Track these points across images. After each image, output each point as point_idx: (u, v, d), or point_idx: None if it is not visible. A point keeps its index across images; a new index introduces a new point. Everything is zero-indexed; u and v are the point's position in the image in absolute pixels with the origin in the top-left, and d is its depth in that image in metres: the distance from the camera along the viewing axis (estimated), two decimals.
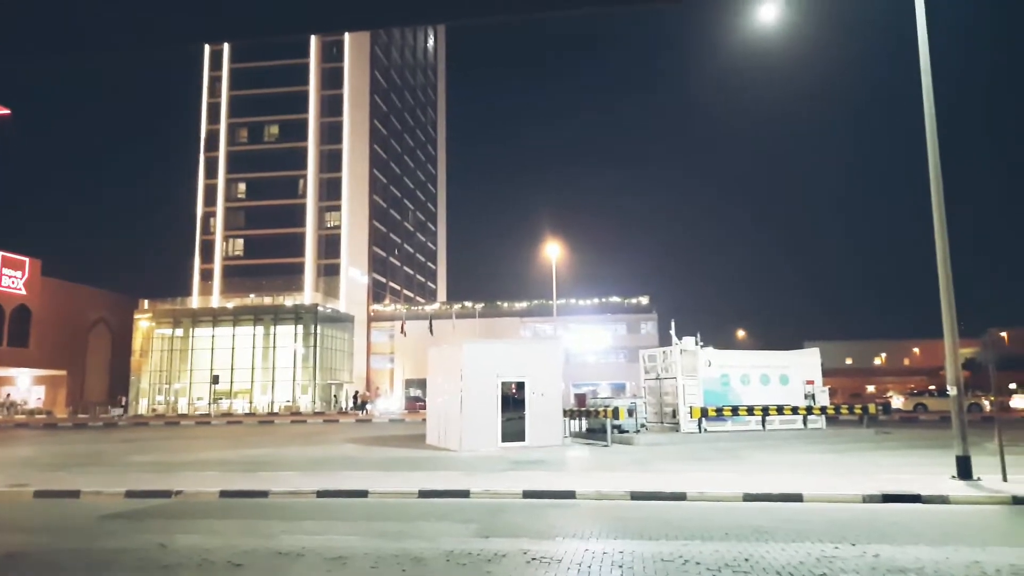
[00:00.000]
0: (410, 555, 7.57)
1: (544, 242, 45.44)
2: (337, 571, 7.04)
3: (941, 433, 23.00)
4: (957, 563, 6.98)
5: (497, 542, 8.15)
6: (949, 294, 12.68)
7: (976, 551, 7.48)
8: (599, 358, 72.81)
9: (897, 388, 64.01)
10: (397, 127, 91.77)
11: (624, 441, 21.81)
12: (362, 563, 7.31)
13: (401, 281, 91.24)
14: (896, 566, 6.88)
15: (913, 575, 6.55)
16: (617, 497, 11.32)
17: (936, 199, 12.94)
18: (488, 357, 20.48)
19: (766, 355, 29.77)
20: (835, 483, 11.97)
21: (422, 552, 7.70)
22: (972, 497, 10.65)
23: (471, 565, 7.13)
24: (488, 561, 7.26)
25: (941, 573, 6.62)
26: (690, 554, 7.47)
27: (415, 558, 7.45)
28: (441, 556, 7.51)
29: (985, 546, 7.71)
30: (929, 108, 13.14)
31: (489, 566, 7.07)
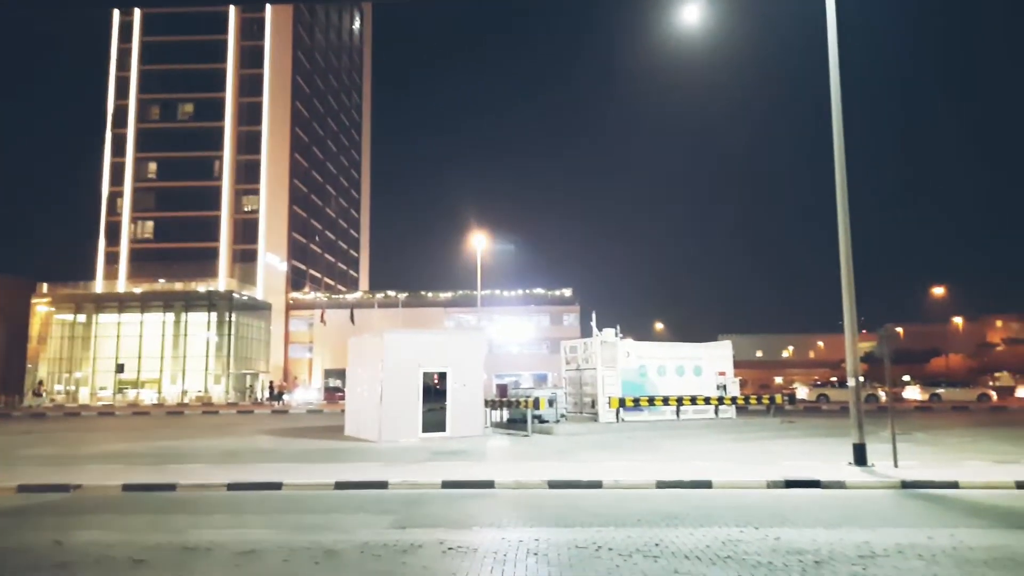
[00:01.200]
0: (324, 547, 7.44)
1: (470, 232, 45.38)
2: (247, 565, 6.84)
3: (841, 422, 24.35)
4: (850, 544, 7.41)
5: (414, 533, 8.11)
6: (850, 291, 13.39)
7: (867, 532, 7.95)
8: (522, 349, 73.46)
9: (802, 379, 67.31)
10: (320, 110, 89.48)
11: (544, 431, 22.08)
12: (273, 556, 7.13)
13: (322, 269, 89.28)
14: (795, 548, 7.24)
15: (810, 556, 6.91)
16: (535, 486, 11.46)
17: (841, 200, 13.62)
18: (410, 347, 20.30)
19: (682, 347, 30.71)
20: (742, 470, 12.48)
21: (336, 544, 7.58)
22: (866, 482, 11.31)
23: (386, 556, 7.07)
24: (404, 552, 7.22)
25: (835, 553, 7.01)
26: (603, 540, 7.64)
27: (329, 550, 7.33)
28: (356, 548, 7.42)
29: (875, 528, 8.21)
30: (837, 113, 13.78)
31: (405, 557, 7.03)
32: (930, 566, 6.53)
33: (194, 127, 71.05)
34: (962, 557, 6.83)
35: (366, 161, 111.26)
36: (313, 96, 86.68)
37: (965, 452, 15.47)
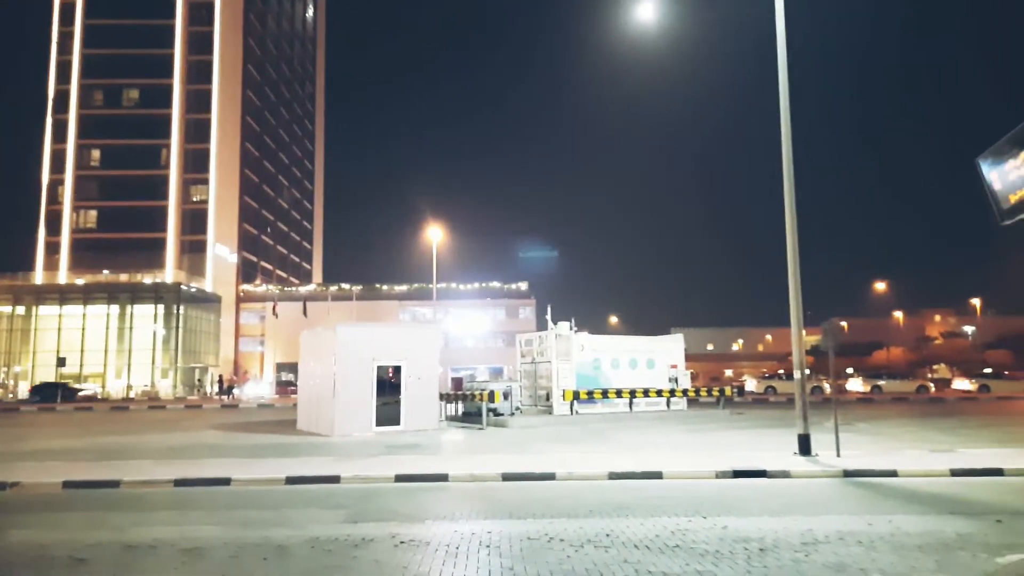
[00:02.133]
0: (273, 543, 7.34)
1: (425, 225, 45.05)
2: (192, 563, 6.71)
3: (787, 413, 24.99)
4: (794, 531, 7.63)
5: (366, 527, 8.06)
6: (796, 286, 13.74)
7: (810, 520, 8.20)
8: (478, 342, 73.45)
9: (752, 372, 68.89)
10: (272, 99, 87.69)
11: (499, 424, 22.14)
12: (220, 553, 7.00)
13: (274, 261, 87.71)
14: (741, 536, 7.43)
15: (755, 544, 7.09)
16: (489, 479, 11.49)
17: (788, 199, 13.95)
18: (364, 340, 20.11)
19: (635, 340, 31.09)
20: (692, 461, 12.73)
21: (286, 540, 7.48)
22: (810, 471, 11.65)
23: (337, 551, 7.00)
24: (355, 546, 7.16)
25: (780, 540, 7.21)
26: (555, 531, 7.71)
27: (278, 546, 7.23)
28: (306, 543, 7.33)
29: (818, 515, 8.47)
30: (785, 113, 14.10)
31: (356, 551, 6.98)
32: (869, 551, 6.76)
33: (140, 114, 68.83)
34: (898, 542, 7.09)
35: (320, 152, 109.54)
36: (265, 84, 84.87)
37: (904, 442, 16.06)
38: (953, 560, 6.42)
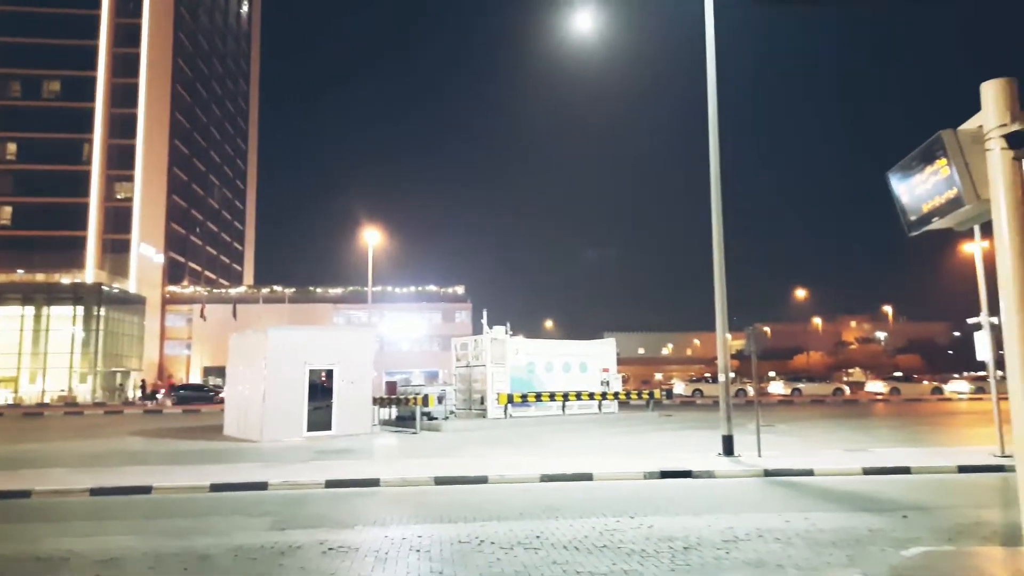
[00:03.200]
0: (195, 553, 7.13)
1: (362, 228, 44.49)
2: (107, 575, 6.46)
3: (713, 415, 25.67)
4: (716, 529, 7.89)
5: (293, 534, 7.92)
6: (722, 293, 14.20)
7: (732, 518, 8.49)
8: (414, 346, 72.89)
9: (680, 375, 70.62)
10: (203, 95, 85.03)
11: (433, 428, 22.07)
12: (138, 564, 6.77)
13: (203, 262, 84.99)
14: (666, 535, 7.64)
15: (680, 542, 7.30)
16: (421, 483, 11.45)
17: (715, 209, 14.42)
18: (296, 343, 19.73)
19: (569, 344, 31.50)
20: (622, 462, 12.98)
21: (209, 549, 7.28)
22: (733, 471, 12.06)
23: (262, 559, 6.86)
24: (281, 554, 7.04)
25: (703, 539, 7.45)
26: (486, 534, 7.75)
27: (200, 556, 7.03)
28: (230, 552, 7.15)
29: (739, 513, 8.78)
30: (713, 125, 14.58)
31: (282, 559, 6.86)
32: (786, 548, 7.05)
33: (61, 107, 65.68)
34: (814, 539, 7.42)
35: (253, 151, 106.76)
36: (196, 80, 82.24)
37: (820, 442, 16.78)
38: (863, 554, 6.76)
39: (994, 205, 4.22)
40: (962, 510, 8.87)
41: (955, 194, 4.39)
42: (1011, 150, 4.09)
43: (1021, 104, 4.23)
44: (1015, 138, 4.03)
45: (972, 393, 43.30)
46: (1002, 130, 4.10)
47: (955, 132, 4.37)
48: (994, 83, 4.26)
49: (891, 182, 5.17)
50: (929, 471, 12.02)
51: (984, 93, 4.29)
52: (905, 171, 4.97)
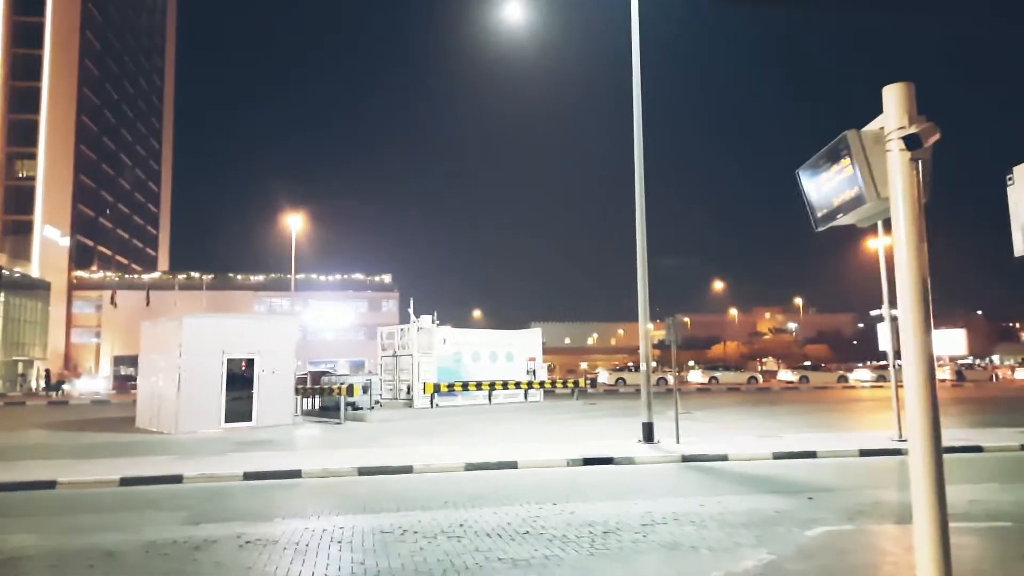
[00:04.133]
0: (102, 549, 6.83)
1: (285, 213, 43.26)
2: (3, 575, 6.11)
3: (635, 403, 26.30)
4: (635, 514, 8.12)
5: (209, 528, 7.69)
6: (645, 284, 14.55)
7: (650, 503, 8.75)
8: (339, 335, 71.66)
9: (605, 364, 72.01)
10: (115, 70, 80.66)
11: (358, 418, 21.79)
12: (39, 563, 6.43)
13: (114, 246, 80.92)
14: (587, 520, 7.80)
15: (600, 527, 7.48)
16: (344, 474, 11.31)
17: (639, 203, 14.73)
18: (213, 332, 19.07)
19: (496, 334, 31.64)
20: (546, 450, 13.17)
21: (117, 545, 6.99)
22: (652, 457, 12.42)
23: (175, 555, 6.64)
24: (196, 549, 6.82)
25: (621, 523, 7.65)
26: (409, 524, 7.73)
27: (107, 552, 6.74)
28: (140, 548, 6.89)
29: (657, 498, 9.06)
30: (638, 123, 14.87)
31: (196, 554, 6.65)
32: (700, 530, 7.33)
33: None
34: (726, 521, 7.74)
35: (168, 130, 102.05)
36: (107, 54, 77.89)
37: (735, 428, 17.46)
38: (771, 534, 7.10)
39: (893, 203, 4.46)
40: (862, 491, 9.41)
41: (857, 192, 4.61)
42: (908, 151, 4.32)
43: (919, 108, 4.49)
44: (912, 140, 4.27)
45: (874, 381, 45.90)
46: (901, 132, 4.34)
47: (859, 133, 4.59)
48: (895, 87, 4.50)
49: (800, 179, 5.39)
50: (833, 455, 12.69)
51: (886, 96, 4.52)
52: (813, 169, 5.19)
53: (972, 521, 7.42)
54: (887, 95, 4.54)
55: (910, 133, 4.33)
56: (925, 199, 4.50)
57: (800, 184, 5.49)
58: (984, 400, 28.94)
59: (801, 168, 5.46)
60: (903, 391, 4.24)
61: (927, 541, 4.25)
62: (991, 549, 6.26)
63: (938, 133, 4.39)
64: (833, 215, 5.20)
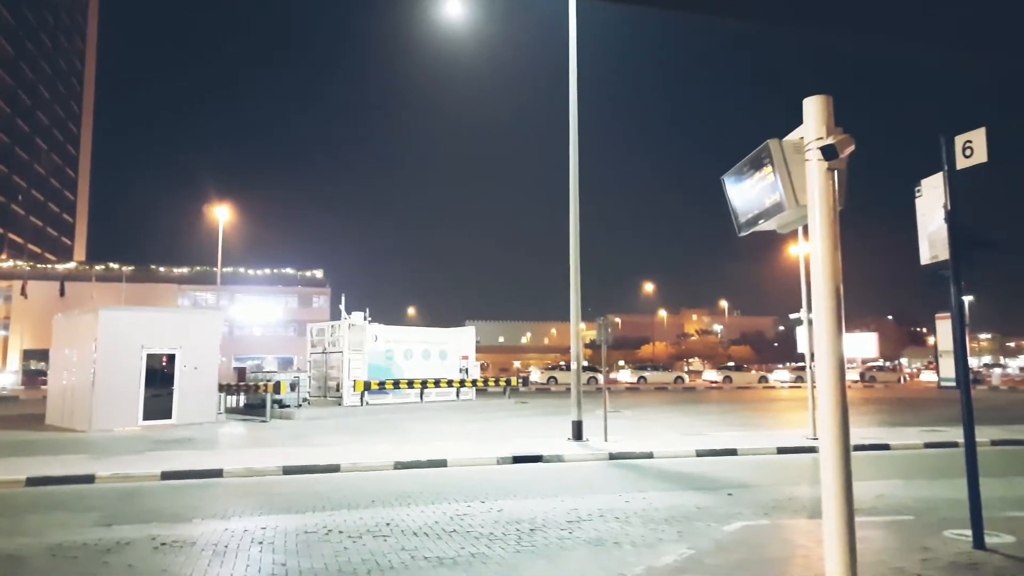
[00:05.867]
0: (3, 553, 6.46)
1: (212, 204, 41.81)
2: None
3: (566, 401, 26.61)
4: (561, 510, 8.21)
5: (121, 530, 7.37)
6: (577, 284, 14.74)
7: (577, 500, 8.87)
8: (267, 331, 69.80)
9: (538, 363, 72.56)
10: (30, 48, 76.31)
11: (285, 416, 21.30)
12: None
13: (27, 234, 76.63)
14: (514, 518, 7.85)
15: (527, 524, 7.53)
16: (268, 473, 11.03)
17: (573, 206, 14.91)
18: (132, 325, 18.30)
19: (429, 332, 31.47)
20: (476, 448, 13.18)
21: (20, 549, 6.62)
22: (581, 455, 12.59)
23: (84, 558, 6.34)
24: (107, 551, 6.53)
25: (548, 520, 7.72)
26: (335, 524, 7.61)
27: (9, 556, 6.38)
28: (46, 551, 6.54)
29: (584, 495, 9.19)
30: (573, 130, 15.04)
31: (108, 557, 6.37)
32: (624, 526, 7.47)
33: None
34: (649, 516, 7.91)
35: (88, 115, 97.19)
36: (20, 30, 73.60)
37: (662, 426, 17.89)
38: (692, 529, 7.30)
39: (810, 211, 4.66)
40: (779, 488, 9.79)
41: (778, 199, 4.79)
42: (826, 161, 4.52)
43: (836, 120, 4.69)
44: (829, 150, 4.47)
45: (792, 382, 47.76)
46: (819, 142, 4.53)
47: (780, 142, 4.77)
48: (814, 99, 4.70)
49: (725, 185, 5.56)
50: (753, 452, 13.15)
51: (806, 108, 4.72)
52: (737, 175, 5.36)
53: (878, 515, 7.81)
54: (807, 107, 4.73)
55: (827, 144, 4.52)
56: (840, 207, 4.72)
57: (724, 190, 5.66)
58: (892, 401, 30.53)
59: (726, 174, 5.62)
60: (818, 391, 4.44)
61: (835, 534, 4.46)
62: (894, 541, 6.61)
63: (853, 145, 4.61)
64: (755, 220, 5.38)
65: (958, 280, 6.31)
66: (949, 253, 6.26)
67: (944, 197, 6.32)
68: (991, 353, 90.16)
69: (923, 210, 6.62)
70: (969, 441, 6.30)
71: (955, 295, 6.36)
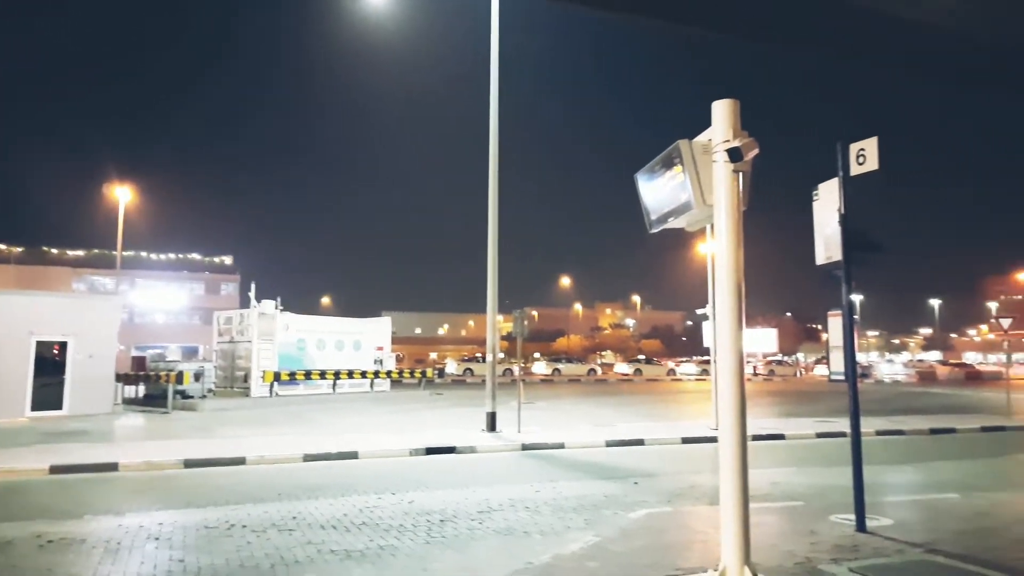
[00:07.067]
0: None
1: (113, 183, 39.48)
2: None
3: (481, 393, 26.73)
4: (473, 501, 8.25)
5: (4, 528, 6.90)
6: (494, 276, 14.81)
7: (489, 490, 8.94)
8: (171, 318, 66.79)
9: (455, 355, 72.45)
10: None
11: (188, 407, 20.47)
12: None
13: None
14: (425, 509, 7.83)
15: (438, 515, 7.53)
16: (168, 467, 10.59)
17: (492, 199, 14.95)
18: (19, 311, 17.15)
19: (343, 322, 30.92)
20: (389, 440, 13.06)
21: None
22: (494, 446, 12.69)
23: None
24: None
25: (459, 510, 7.75)
26: (238, 518, 7.37)
27: None
28: None
29: (495, 486, 9.27)
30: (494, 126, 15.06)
31: None
32: (533, 515, 7.58)
33: None
34: (559, 506, 8.06)
35: None
36: None
37: (574, 417, 18.24)
38: (598, 517, 7.48)
39: (716, 210, 4.85)
40: (682, 476, 10.17)
41: (687, 198, 4.96)
42: (732, 163, 4.71)
43: (743, 123, 4.89)
44: (735, 153, 4.66)
45: (699, 375, 49.62)
46: (725, 145, 4.71)
47: (690, 143, 4.94)
48: (722, 103, 4.89)
49: (638, 183, 5.70)
50: (659, 443, 13.61)
51: (714, 111, 4.89)
52: (649, 174, 5.50)
53: (772, 501, 8.23)
54: (715, 110, 4.91)
55: (733, 146, 4.71)
56: (744, 207, 4.93)
57: (637, 187, 5.81)
58: (789, 393, 32.23)
59: (639, 172, 5.76)
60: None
61: (731, 520, 4.68)
62: (786, 526, 6.99)
63: (757, 148, 4.82)
64: (665, 218, 5.54)
65: (849, 280, 6.71)
66: (842, 254, 6.64)
67: (839, 201, 6.70)
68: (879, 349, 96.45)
69: (820, 213, 6.99)
70: (855, 432, 6.73)
71: (845, 294, 6.76)
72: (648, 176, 5.53)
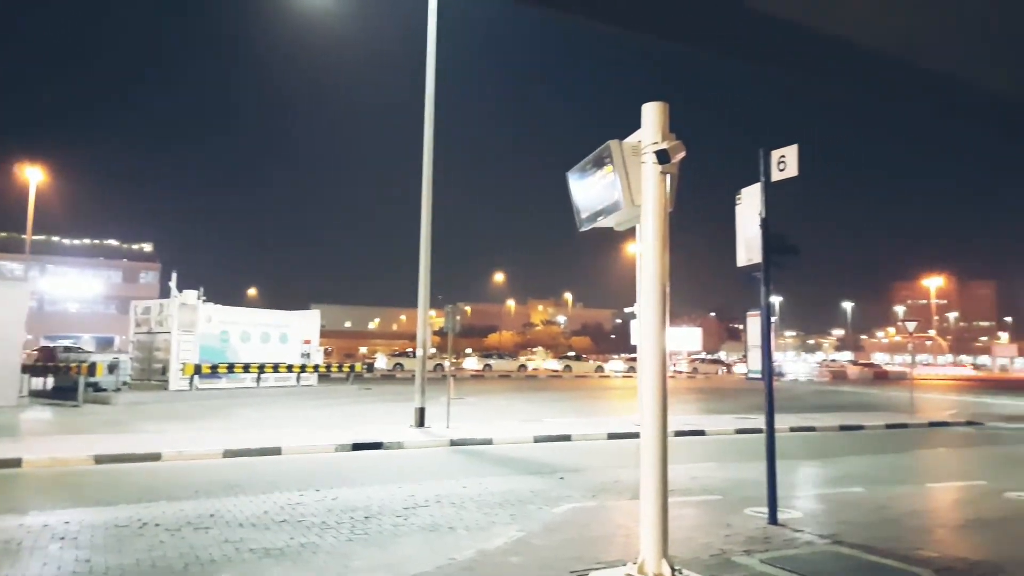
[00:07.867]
0: None
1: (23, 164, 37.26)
2: None
3: (411, 388, 26.44)
4: (398, 497, 8.18)
5: None
6: (426, 271, 14.70)
7: (415, 486, 8.87)
8: (85, 308, 63.67)
9: (385, 350, 71.65)
10: None
11: (101, 401, 19.54)
12: None
13: None
14: (350, 506, 7.71)
15: (362, 512, 7.43)
16: (77, 463, 10.08)
17: (425, 193, 14.83)
18: None
19: (269, 314, 30.16)
20: (314, 435, 12.80)
21: None
22: (422, 442, 12.61)
23: None
24: None
25: (384, 507, 7.67)
26: (151, 516, 7.09)
27: None
28: None
29: (422, 481, 9.21)
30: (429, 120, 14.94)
31: None
32: (459, 511, 7.57)
33: None
34: (485, 501, 8.08)
35: None
36: None
37: (503, 413, 18.33)
38: (524, 512, 7.54)
39: (643, 211, 4.94)
40: (607, 471, 10.35)
41: (616, 198, 5.04)
42: (660, 164, 4.81)
43: (672, 126, 5.00)
44: (663, 155, 4.76)
45: (626, 372, 50.65)
46: (654, 147, 4.81)
47: (621, 143, 5.01)
48: (652, 105, 4.98)
49: (569, 181, 5.76)
50: (586, 438, 13.81)
51: (644, 113, 4.98)
52: (581, 172, 5.57)
53: (691, 495, 8.48)
54: (645, 112, 5.00)
55: (661, 148, 4.82)
56: (671, 208, 5.04)
57: (568, 185, 5.87)
58: (711, 390, 33.25)
59: (570, 171, 5.82)
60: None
61: (650, 513, 4.79)
62: (703, 519, 7.21)
63: (684, 151, 4.93)
64: (595, 217, 5.62)
65: (767, 282, 6.97)
66: (761, 257, 6.89)
67: (760, 206, 6.94)
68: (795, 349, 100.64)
69: (742, 216, 7.23)
70: (769, 428, 6.99)
71: (764, 295, 7.02)
72: (579, 175, 5.59)
